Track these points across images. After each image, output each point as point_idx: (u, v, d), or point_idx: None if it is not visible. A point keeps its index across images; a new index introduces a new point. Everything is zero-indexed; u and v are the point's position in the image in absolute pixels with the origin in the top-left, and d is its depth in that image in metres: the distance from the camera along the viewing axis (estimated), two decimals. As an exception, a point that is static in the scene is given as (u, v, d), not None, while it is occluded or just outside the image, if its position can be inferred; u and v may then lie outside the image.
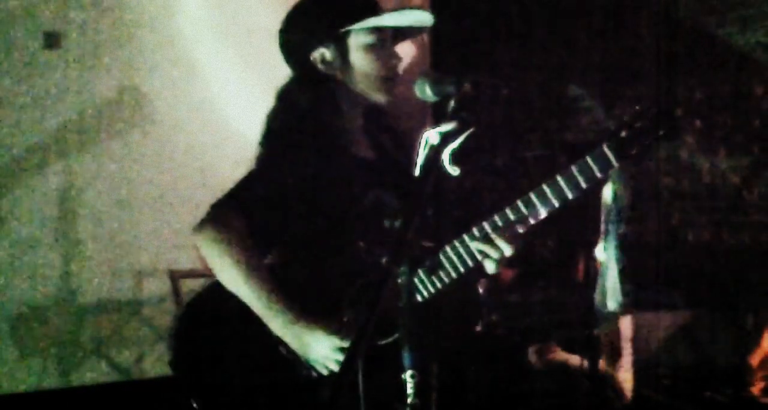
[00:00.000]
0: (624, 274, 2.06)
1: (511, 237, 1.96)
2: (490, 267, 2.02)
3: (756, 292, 4.39)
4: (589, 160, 1.87)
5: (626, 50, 4.87)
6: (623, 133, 1.85)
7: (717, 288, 4.53)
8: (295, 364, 2.15)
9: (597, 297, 2.04)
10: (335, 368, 2.09)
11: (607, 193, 1.95)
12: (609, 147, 1.85)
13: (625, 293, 2.05)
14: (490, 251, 1.97)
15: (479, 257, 1.99)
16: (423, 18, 2.24)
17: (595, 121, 4.99)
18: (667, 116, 1.87)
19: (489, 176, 5.09)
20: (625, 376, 3.97)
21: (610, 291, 2.06)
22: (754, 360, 4.28)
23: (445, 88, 1.81)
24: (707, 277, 4.60)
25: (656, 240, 4.69)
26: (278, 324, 2.12)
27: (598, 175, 1.88)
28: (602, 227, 2.03)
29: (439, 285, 2.05)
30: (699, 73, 4.60)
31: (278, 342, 2.14)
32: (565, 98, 5.07)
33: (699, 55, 4.60)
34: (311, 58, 2.21)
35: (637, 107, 1.86)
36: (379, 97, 2.22)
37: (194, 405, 2.16)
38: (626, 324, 3.97)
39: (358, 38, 2.19)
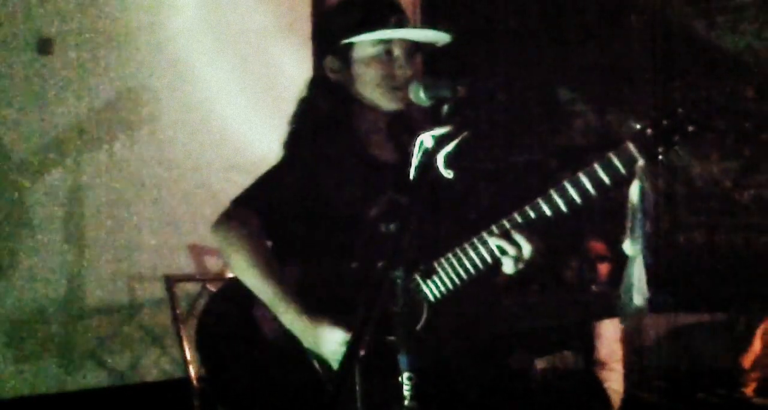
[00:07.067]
0: (649, 271, 2.04)
1: (530, 236, 1.95)
2: (507, 265, 1.99)
3: (747, 294, 4.41)
4: (612, 156, 1.85)
5: (619, 53, 4.89)
6: (649, 131, 1.83)
7: (709, 290, 4.55)
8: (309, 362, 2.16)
9: (622, 292, 2.01)
10: None
11: (634, 190, 1.92)
12: (633, 143, 1.83)
13: (649, 289, 2.02)
14: (508, 248, 1.95)
15: (497, 253, 1.96)
16: (430, 37, 2.21)
17: (586, 125, 5.01)
18: (694, 116, 1.86)
19: (481, 180, 5.09)
20: (616, 378, 3.98)
21: (636, 285, 2.03)
22: (746, 361, 4.30)
23: (440, 92, 1.82)
24: (699, 280, 4.62)
25: (648, 242, 4.70)
26: (288, 317, 2.13)
27: (623, 171, 1.85)
28: (628, 224, 2.00)
29: (452, 285, 2.03)
30: (690, 76, 4.62)
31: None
32: (557, 102, 5.09)
33: (689, 58, 4.62)
34: (324, 65, 2.24)
35: (678, 109, 1.84)
36: (388, 106, 2.21)
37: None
38: (615, 328, 3.98)
39: (361, 50, 2.19)
